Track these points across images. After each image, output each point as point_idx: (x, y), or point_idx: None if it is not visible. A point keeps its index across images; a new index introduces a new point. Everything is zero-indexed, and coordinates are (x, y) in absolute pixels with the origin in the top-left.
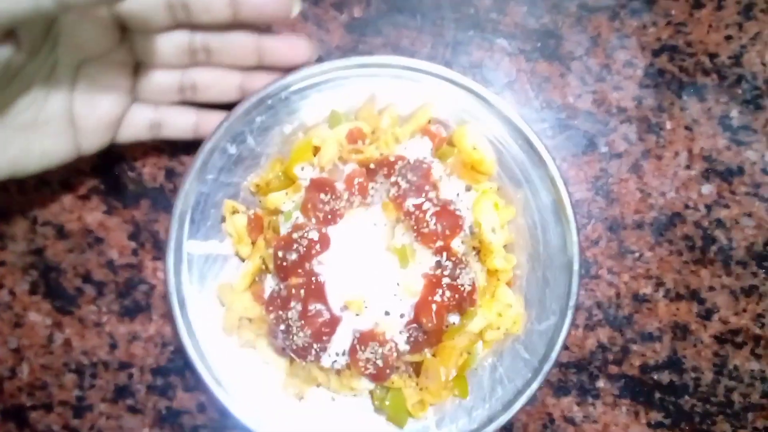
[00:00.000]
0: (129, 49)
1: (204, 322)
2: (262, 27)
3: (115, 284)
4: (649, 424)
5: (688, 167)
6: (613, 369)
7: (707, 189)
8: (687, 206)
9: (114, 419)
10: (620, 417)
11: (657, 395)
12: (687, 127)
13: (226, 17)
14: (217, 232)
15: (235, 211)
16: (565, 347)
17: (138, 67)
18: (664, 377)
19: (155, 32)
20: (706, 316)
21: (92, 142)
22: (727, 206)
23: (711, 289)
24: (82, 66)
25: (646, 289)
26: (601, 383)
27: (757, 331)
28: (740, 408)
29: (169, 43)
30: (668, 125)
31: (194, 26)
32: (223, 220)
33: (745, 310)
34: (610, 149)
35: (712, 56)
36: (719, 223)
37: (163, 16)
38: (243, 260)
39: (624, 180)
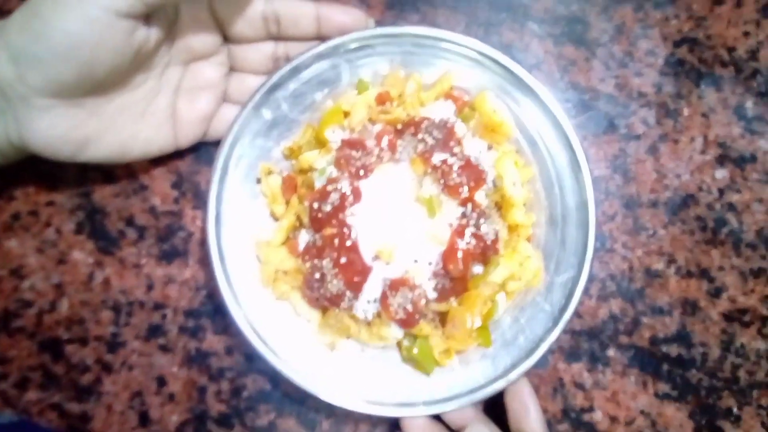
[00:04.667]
0: (227, 54)
1: (239, 273)
2: None
3: (155, 229)
4: (656, 395)
5: (703, 152)
6: (624, 339)
7: (721, 174)
8: (701, 189)
9: (146, 356)
10: (628, 386)
11: (665, 367)
12: (704, 115)
13: (312, 32)
14: (252, 192)
15: (269, 172)
16: (578, 316)
17: (230, 72)
18: (673, 350)
19: (250, 42)
20: (716, 294)
21: (188, 135)
22: (739, 191)
23: (721, 268)
24: (189, 66)
25: (659, 265)
26: (611, 352)
27: (765, 311)
28: (746, 385)
29: (259, 52)
30: (686, 112)
31: (281, 38)
32: (258, 181)
33: (753, 291)
34: (629, 131)
35: (730, 50)
36: (731, 206)
37: (258, 28)
38: (276, 219)
39: (641, 161)
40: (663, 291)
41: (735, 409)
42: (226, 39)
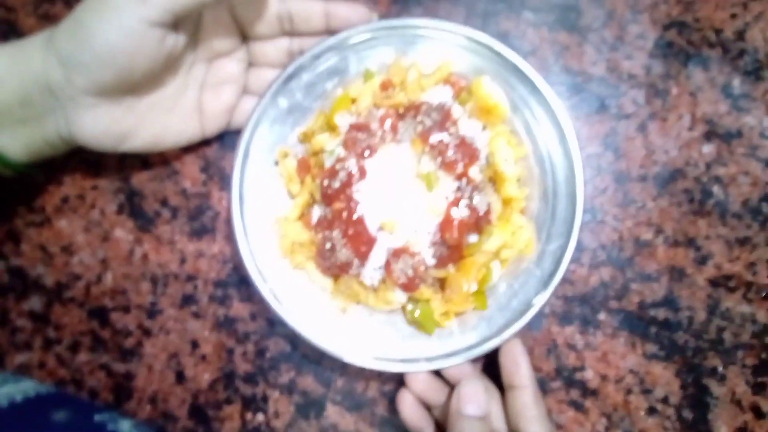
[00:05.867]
0: (246, 51)
1: (261, 246)
2: None
3: (186, 209)
4: (644, 355)
5: (690, 129)
6: (614, 304)
7: (707, 149)
8: (688, 163)
9: (180, 322)
10: (618, 347)
11: (653, 329)
12: (691, 93)
13: (322, 28)
14: (271, 173)
15: (286, 155)
16: (570, 282)
17: (249, 66)
18: (660, 314)
19: (267, 39)
20: (702, 261)
21: (213, 126)
22: (725, 165)
23: (707, 237)
24: (213, 63)
25: (647, 235)
26: (602, 316)
27: (750, 277)
28: (731, 346)
29: (275, 48)
30: (674, 91)
31: (294, 34)
32: (276, 163)
33: (738, 258)
34: (619, 111)
35: (718, 32)
36: (717, 179)
37: (274, 26)
38: (292, 197)
39: (631, 138)
40: (651, 259)
41: (720, 368)
42: (245, 37)
